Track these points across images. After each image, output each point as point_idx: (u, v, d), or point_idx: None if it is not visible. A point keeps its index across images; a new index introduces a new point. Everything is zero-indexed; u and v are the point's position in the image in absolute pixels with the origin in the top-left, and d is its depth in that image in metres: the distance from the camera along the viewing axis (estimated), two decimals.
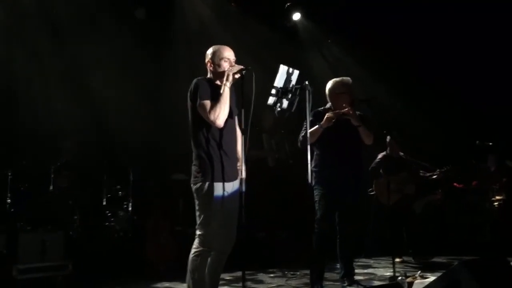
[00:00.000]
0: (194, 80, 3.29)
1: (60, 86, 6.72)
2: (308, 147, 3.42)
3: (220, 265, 3.33)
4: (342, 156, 4.29)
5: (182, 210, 6.80)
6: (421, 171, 6.58)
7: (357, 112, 4.38)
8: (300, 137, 4.29)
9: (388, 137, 6.38)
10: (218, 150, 3.24)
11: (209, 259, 3.26)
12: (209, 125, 3.21)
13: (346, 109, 4.27)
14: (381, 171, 6.27)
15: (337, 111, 4.29)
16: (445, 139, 7.80)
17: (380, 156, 6.44)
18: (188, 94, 3.29)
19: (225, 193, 3.20)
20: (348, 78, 4.49)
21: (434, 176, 6.58)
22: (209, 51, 3.40)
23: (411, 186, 6.27)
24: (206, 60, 3.39)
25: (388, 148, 6.44)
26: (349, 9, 7.73)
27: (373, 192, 6.41)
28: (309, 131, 3.71)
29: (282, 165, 7.42)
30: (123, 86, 6.92)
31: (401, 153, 6.45)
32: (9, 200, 5.64)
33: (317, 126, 4.23)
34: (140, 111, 7.22)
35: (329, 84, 4.50)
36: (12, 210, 5.58)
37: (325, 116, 4.24)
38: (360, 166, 4.46)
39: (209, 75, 3.40)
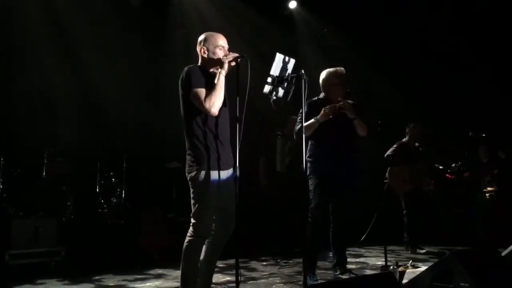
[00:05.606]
0: (186, 68, 3.21)
1: (56, 73, 6.68)
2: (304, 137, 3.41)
3: (216, 253, 3.34)
4: (337, 147, 4.28)
5: (175, 198, 6.81)
6: (436, 164, 6.46)
7: (350, 101, 4.35)
8: (296, 129, 4.27)
9: (412, 124, 6.28)
10: (213, 138, 3.19)
11: (205, 247, 3.26)
12: (203, 113, 3.15)
13: (341, 103, 4.24)
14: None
15: (333, 104, 4.23)
16: (439, 129, 7.80)
17: (396, 144, 6.30)
18: (180, 82, 3.21)
19: (221, 181, 3.18)
20: (342, 68, 4.45)
21: (450, 175, 6.53)
22: (202, 38, 3.33)
23: (427, 179, 6.19)
24: (199, 47, 3.32)
25: (408, 136, 6.32)
26: None
27: (386, 180, 6.17)
28: (305, 124, 3.69)
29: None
30: (120, 75, 6.90)
31: (417, 144, 6.35)
32: (1, 186, 5.62)
33: (313, 120, 4.20)
34: (136, 99, 7.20)
35: (322, 75, 4.47)
36: (5, 195, 5.56)
37: (322, 111, 4.19)
38: (355, 156, 4.45)
39: (200, 62, 3.34)
